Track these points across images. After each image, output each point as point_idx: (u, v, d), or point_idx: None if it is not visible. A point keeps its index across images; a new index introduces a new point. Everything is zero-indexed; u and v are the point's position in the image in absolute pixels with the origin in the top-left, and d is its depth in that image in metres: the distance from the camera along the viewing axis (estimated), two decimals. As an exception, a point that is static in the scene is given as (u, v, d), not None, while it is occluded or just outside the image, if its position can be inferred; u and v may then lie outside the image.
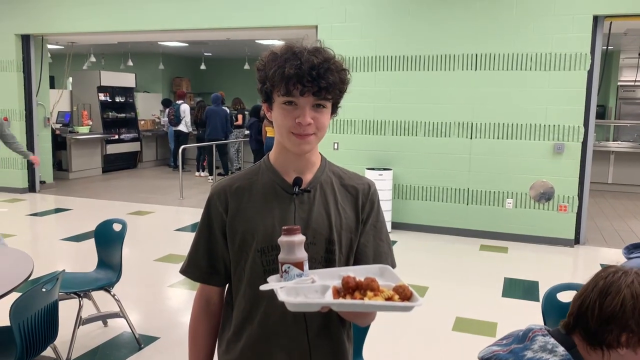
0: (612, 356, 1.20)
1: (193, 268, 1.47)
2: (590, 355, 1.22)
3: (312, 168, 1.41)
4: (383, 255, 1.44)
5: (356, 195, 1.44)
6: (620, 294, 1.19)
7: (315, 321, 1.38)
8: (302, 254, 1.22)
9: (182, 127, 11.95)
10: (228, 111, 11.64)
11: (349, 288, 1.15)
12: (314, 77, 1.25)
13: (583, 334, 1.22)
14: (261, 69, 1.33)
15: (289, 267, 1.20)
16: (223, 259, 1.43)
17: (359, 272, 1.21)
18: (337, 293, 1.16)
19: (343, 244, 1.40)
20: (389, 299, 1.13)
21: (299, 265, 1.21)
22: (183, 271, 1.50)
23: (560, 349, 1.20)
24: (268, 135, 10.05)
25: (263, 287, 1.18)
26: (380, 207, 1.49)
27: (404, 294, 1.14)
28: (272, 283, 1.20)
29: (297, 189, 1.37)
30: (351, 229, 1.41)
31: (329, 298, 1.14)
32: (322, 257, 1.37)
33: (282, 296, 1.12)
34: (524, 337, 1.27)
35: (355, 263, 1.43)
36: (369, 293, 1.13)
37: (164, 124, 12.72)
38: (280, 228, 1.32)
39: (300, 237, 1.22)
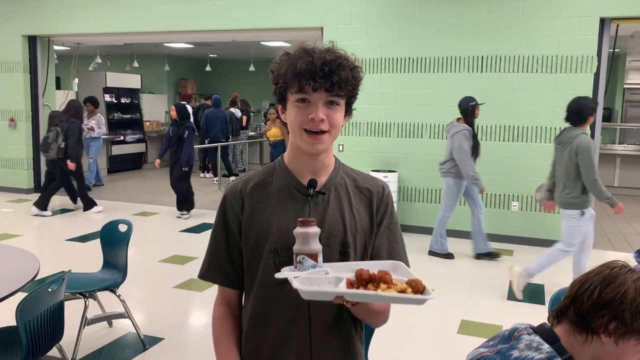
0: (594, 342, 1.20)
1: (216, 271, 1.44)
2: (574, 339, 1.22)
3: (326, 170, 1.41)
4: (397, 257, 1.44)
5: (370, 197, 1.44)
6: (624, 285, 1.19)
7: (322, 322, 1.37)
8: (316, 246, 1.23)
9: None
10: (240, 113, 11.71)
11: (362, 280, 1.15)
12: (326, 72, 1.25)
13: (573, 316, 1.22)
14: (275, 69, 1.33)
15: (303, 258, 1.21)
16: (242, 259, 1.43)
17: (372, 267, 1.22)
18: (351, 285, 1.16)
19: (358, 246, 1.40)
20: (401, 291, 1.14)
21: (314, 256, 1.22)
22: (203, 275, 1.46)
23: (546, 347, 1.20)
24: (269, 138, 9.86)
25: (278, 275, 1.19)
26: (395, 209, 1.49)
27: (417, 288, 1.15)
28: (286, 272, 1.21)
29: (311, 191, 1.37)
30: (365, 231, 1.41)
31: (341, 288, 1.15)
32: (337, 260, 1.36)
33: (295, 284, 1.13)
34: (510, 337, 1.27)
35: None
36: (382, 285, 1.14)
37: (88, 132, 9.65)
38: (294, 229, 1.33)
39: (315, 229, 1.23)
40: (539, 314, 4.21)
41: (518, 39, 6.25)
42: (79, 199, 7.89)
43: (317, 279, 1.19)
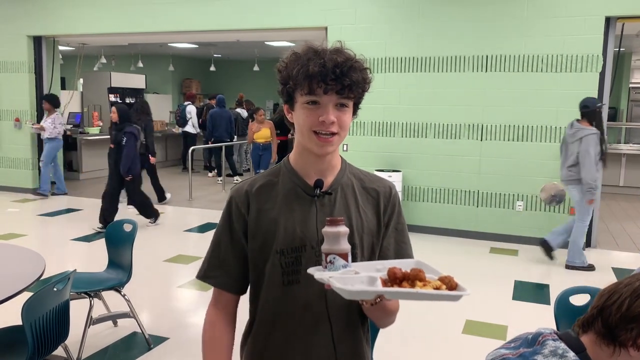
0: (621, 355, 1.18)
1: (215, 272, 1.42)
2: (600, 350, 1.20)
3: (333, 170, 1.40)
4: (405, 257, 1.43)
5: (377, 198, 1.43)
6: None
7: (339, 325, 1.37)
8: (347, 245, 1.22)
9: (189, 128, 11.98)
10: (246, 113, 11.71)
11: (396, 279, 1.15)
12: (337, 75, 1.24)
13: (600, 327, 1.20)
14: (283, 69, 1.32)
15: (334, 258, 1.20)
16: (245, 263, 1.41)
17: (394, 265, 1.21)
18: (385, 283, 1.16)
19: (365, 246, 1.39)
20: (437, 288, 1.14)
21: (344, 256, 1.20)
22: (202, 276, 1.44)
23: (571, 354, 1.18)
24: (257, 140, 9.15)
25: (317, 276, 1.18)
26: (402, 210, 1.48)
27: (450, 284, 1.15)
28: (321, 272, 1.19)
29: (318, 192, 1.36)
30: (372, 232, 1.41)
31: (379, 287, 1.15)
32: None
33: (336, 284, 1.11)
34: (534, 341, 1.25)
35: None
36: (419, 283, 1.14)
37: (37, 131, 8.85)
38: (301, 230, 1.33)
39: (345, 228, 1.22)
40: (544, 314, 4.20)
41: (523, 39, 6.23)
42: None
43: (350, 278, 1.17)
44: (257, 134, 9.19)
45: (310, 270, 1.23)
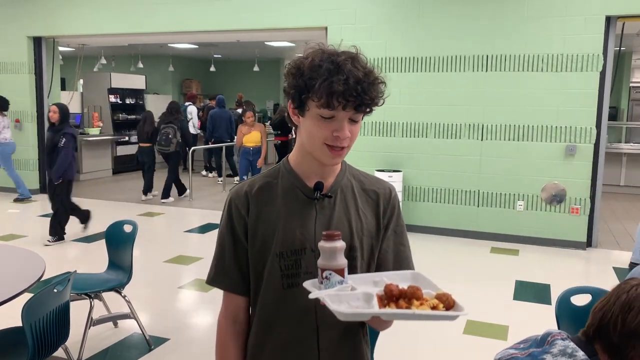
0: None
1: (222, 277, 1.41)
2: None
3: (333, 172, 1.39)
4: (404, 260, 1.43)
5: (377, 200, 1.42)
6: None
7: (330, 326, 1.35)
8: (343, 261, 1.20)
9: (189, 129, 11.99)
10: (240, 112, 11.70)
11: (393, 296, 1.14)
12: (358, 92, 1.23)
13: (605, 346, 1.20)
14: (297, 75, 1.27)
15: (330, 274, 1.18)
16: (249, 264, 1.40)
17: (391, 278, 1.20)
18: (381, 300, 1.14)
19: (364, 249, 1.38)
20: (433, 307, 1.12)
21: (340, 272, 1.18)
22: (211, 281, 1.43)
23: (580, 354, 1.18)
24: (247, 145, 8.65)
25: (311, 296, 1.16)
26: (401, 212, 1.47)
27: (447, 303, 1.14)
28: (318, 291, 1.17)
29: (318, 194, 1.35)
30: (372, 234, 1.40)
31: (375, 307, 1.13)
32: None
33: (332, 306, 1.10)
34: (543, 341, 1.25)
35: (376, 268, 1.41)
36: (415, 302, 1.12)
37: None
38: (300, 233, 1.32)
39: (341, 243, 1.20)
40: (545, 314, 4.20)
41: (523, 38, 6.22)
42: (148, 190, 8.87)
43: (346, 295, 1.15)
44: (247, 136, 8.64)
45: (306, 285, 1.21)
